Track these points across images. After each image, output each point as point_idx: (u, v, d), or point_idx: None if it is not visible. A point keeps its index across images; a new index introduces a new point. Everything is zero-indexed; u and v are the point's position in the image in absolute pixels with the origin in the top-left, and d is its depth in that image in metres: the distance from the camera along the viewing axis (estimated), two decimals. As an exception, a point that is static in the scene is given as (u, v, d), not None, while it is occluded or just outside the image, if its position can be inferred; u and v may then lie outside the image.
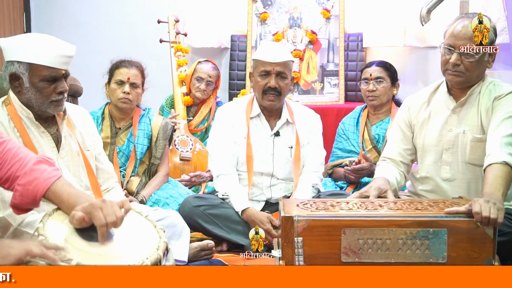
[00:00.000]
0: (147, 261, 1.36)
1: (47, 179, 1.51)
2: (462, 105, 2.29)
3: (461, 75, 2.23)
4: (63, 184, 1.54)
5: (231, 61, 4.48)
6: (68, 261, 1.28)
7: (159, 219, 2.25)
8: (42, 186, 1.50)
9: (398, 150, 2.42)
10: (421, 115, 2.39)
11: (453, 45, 2.21)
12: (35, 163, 1.54)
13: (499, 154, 2.03)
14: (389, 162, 2.42)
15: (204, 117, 3.78)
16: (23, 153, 1.58)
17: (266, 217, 2.61)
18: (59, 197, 1.50)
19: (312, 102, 4.09)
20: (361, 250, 1.76)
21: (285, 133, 2.81)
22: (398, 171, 2.38)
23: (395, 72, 3.34)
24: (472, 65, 2.20)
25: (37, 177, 1.51)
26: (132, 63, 2.95)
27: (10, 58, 2.00)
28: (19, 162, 1.54)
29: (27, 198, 1.51)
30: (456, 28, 2.21)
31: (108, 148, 2.89)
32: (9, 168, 1.53)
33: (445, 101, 2.34)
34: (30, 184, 1.50)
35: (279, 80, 2.70)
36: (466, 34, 2.18)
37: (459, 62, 2.20)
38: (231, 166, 2.75)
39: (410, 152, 2.43)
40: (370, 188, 2.17)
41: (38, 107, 2.03)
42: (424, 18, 3.87)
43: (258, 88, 2.74)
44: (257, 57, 2.74)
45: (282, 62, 2.69)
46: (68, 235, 1.41)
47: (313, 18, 4.29)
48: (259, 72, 2.72)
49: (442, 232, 1.76)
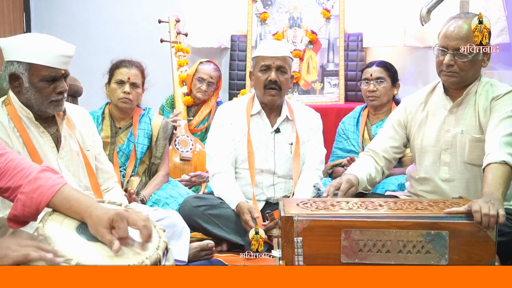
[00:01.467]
0: (147, 261, 1.36)
1: (52, 186, 1.48)
2: (458, 105, 2.30)
3: (456, 75, 2.24)
4: (70, 190, 1.50)
5: (231, 61, 4.48)
6: (68, 261, 1.28)
7: (159, 219, 2.25)
8: (48, 193, 1.47)
9: (384, 145, 2.45)
10: (418, 116, 2.40)
11: (446, 46, 2.22)
12: (39, 171, 1.51)
13: (498, 153, 2.03)
14: (371, 155, 2.45)
15: (205, 117, 3.78)
16: (26, 163, 1.55)
17: (247, 208, 2.61)
18: (68, 202, 1.47)
19: (312, 102, 4.09)
20: (361, 251, 1.75)
21: (285, 130, 2.83)
22: (375, 166, 2.41)
23: (395, 72, 3.34)
24: (466, 65, 2.21)
25: (42, 184, 1.48)
26: (132, 63, 2.96)
27: (9, 58, 1.99)
28: (21, 172, 1.51)
29: (29, 208, 1.46)
30: (449, 29, 2.22)
31: (108, 148, 2.89)
32: (11, 178, 1.51)
33: (441, 101, 2.34)
34: (35, 192, 1.46)
35: (279, 74, 2.74)
36: (458, 34, 2.19)
37: (452, 62, 2.21)
38: (227, 164, 2.76)
39: (396, 150, 2.45)
40: (342, 180, 2.25)
41: (37, 107, 2.03)
42: (424, 18, 3.87)
43: (259, 84, 2.76)
44: (257, 54, 2.79)
45: (282, 57, 2.74)
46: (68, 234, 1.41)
47: (313, 18, 4.29)
48: (259, 67, 2.76)
49: (443, 234, 1.74)
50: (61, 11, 4.92)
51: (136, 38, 4.71)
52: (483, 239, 1.75)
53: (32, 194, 1.46)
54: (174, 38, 4.07)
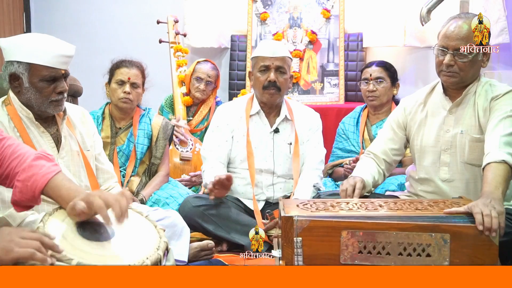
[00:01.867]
0: (147, 261, 1.36)
1: (45, 174, 1.51)
2: (458, 105, 2.30)
3: (456, 76, 2.24)
4: (62, 179, 1.53)
5: (231, 61, 4.48)
6: (68, 261, 1.28)
7: (159, 219, 2.25)
8: (40, 182, 1.50)
9: (384, 148, 2.45)
10: (417, 116, 2.40)
11: (446, 46, 2.22)
12: (33, 159, 1.54)
13: (498, 153, 2.03)
14: (372, 158, 2.45)
15: (204, 117, 3.78)
16: (22, 149, 1.58)
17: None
18: (58, 191, 1.49)
19: (312, 102, 4.09)
20: (360, 252, 1.75)
21: (284, 129, 2.83)
22: (378, 169, 2.41)
23: (395, 72, 3.34)
24: (466, 65, 2.21)
25: (35, 172, 1.51)
26: (132, 63, 2.95)
27: (9, 58, 1.99)
28: (18, 159, 1.54)
29: (26, 195, 1.50)
30: (449, 29, 2.23)
31: (108, 148, 2.89)
32: (8, 165, 1.54)
33: (441, 101, 2.34)
34: (29, 180, 1.50)
35: (278, 75, 2.74)
36: (458, 35, 2.19)
37: (452, 62, 2.21)
38: (218, 163, 2.77)
39: (395, 152, 2.45)
40: (348, 183, 2.22)
41: (37, 107, 2.03)
42: (424, 18, 3.87)
43: (258, 84, 2.77)
44: (256, 54, 2.80)
45: (281, 57, 2.74)
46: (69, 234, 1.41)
47: (313, 18, 4.28)
48: (258, 68, 2.76)
49: (445, 237, 1.72)
50: (61, 11, 4.91)
51: (136, 38, 4.71)
52: (485, 243, 1.72)
53: (26, 182, 1.49)
54: (172, 38, 4.07)
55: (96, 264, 1.30)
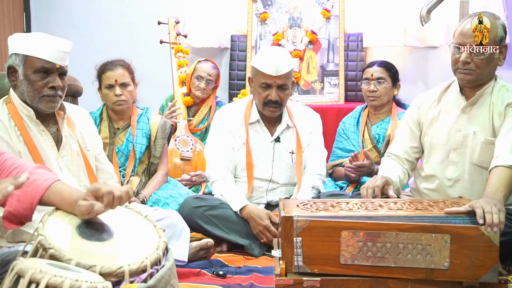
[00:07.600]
0: (146, 261, 1.36)
1: (46, 180, 1.52)
2: (472, 104, 2.29)
3: (472, 73, 2.23)
4: (63, 185, 1.54)
5: (231, 61, 4.48)
6: (67, 261, 1.28)
7: (159, 219, 2.25)
8: (42, 186, 1.50)
9: (404, 148, 2.43)
10: (430, 113, 2.39)
11: (462, 43, 2.22)
12: (34, 168, 1.56)
13: (507, 157, 2.04)
14: (394, 159, 2.43)
15: (204, 117, 3.78)
16: (21, 162, 1.60)
17: (265, 213, 2.59)
18: (60, 194, 1.50)
19: (312, 102, 4.09)
20: (360, 252, 1.74)
21: (286, 138, 2.78)
22: (402, 168, 2.40)
23: (396, 73, 3.34)
24: (483, 63, 2.21)
25: (36, 179, 1.51)
26: (114, 64, 2.91)
27: (10, 51, 2.03)
28: (17, 169, 1.55)
29: (24, 203, 1.49)
30: (465, 27, 2.22)
31: (107, 149, 2.88)
32: (7, 175, 1.54)
33: (456, 100, 2.33)
34: (29, 185, 1.49)
35: (280, 92, 2.63)
36: None
37: (469, 60, 2.21)
38: (226, 172, 2.73)
39: (416, 150, 2.44)
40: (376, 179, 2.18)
41: (30, 101, 2.03)
42: (424, 18, 3.87)
43: (259, 99, 2.67)
44: (258, 67, 2.63)
45: (284, 75, 2.60)
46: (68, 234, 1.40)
47: (313, 18, 4.29)
48: (259, 83, 2.63)
49: (445, 238, 1.72)
50: (61, 11, 4.92)
51: (136, 39, 4.72)
52: (486, 244, 1.71)
53: (26, 188, 1.49)
54: (173, 39, 4.07)
55: (95, 264, 1.30)
